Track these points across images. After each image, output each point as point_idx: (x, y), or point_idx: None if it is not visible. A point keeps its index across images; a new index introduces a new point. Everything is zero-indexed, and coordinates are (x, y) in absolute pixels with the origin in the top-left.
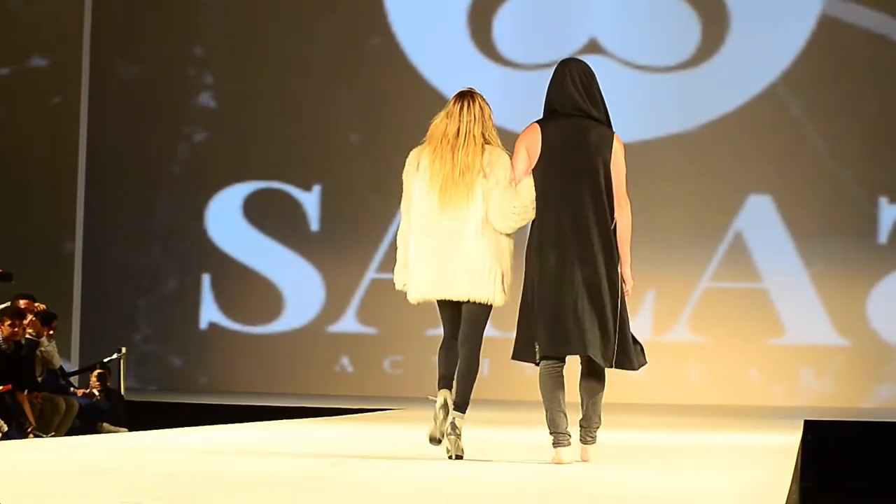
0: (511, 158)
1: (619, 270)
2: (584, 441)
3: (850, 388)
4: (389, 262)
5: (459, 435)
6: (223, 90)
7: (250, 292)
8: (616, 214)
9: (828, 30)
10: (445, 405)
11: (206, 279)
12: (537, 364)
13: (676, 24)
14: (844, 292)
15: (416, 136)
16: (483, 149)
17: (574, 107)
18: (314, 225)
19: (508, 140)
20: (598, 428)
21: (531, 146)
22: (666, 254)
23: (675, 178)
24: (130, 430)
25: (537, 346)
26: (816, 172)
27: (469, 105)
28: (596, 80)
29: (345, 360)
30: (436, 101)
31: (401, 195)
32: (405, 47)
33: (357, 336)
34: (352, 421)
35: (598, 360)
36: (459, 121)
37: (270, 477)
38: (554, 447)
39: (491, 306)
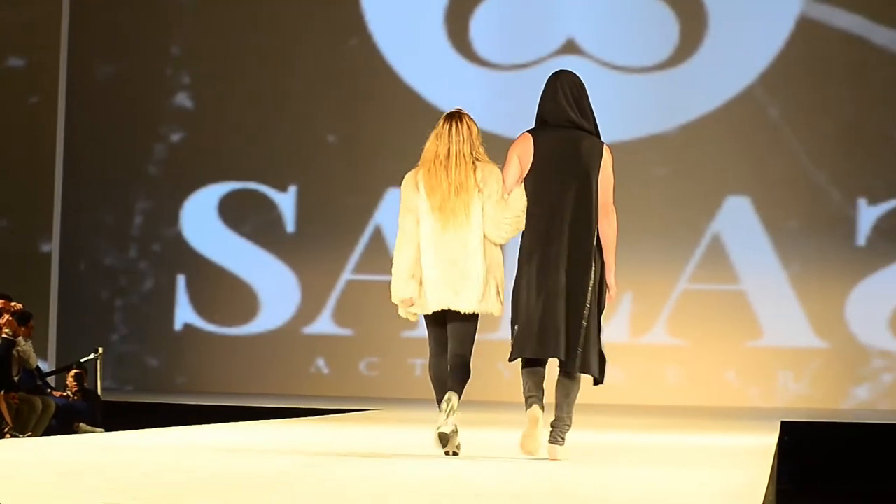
0: (503, 168)
1: (602, 277)
2: (553, 441)
3: (827, 389)
4: (366, 263)
5: (453, 411)
6: (200, 90)
7: (225, 293)
8: (602, 224)
9: (806, 31)
10: (450, 402)
11: (180, 280)
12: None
13: (654, 24)
14: (822, 294)
15: (394, 137)
16: (475, 166)
17: (565, 118)
18: (290, 226)
19: (492, 141)
20: (567, 430)
21: (523, 155)
22: (643, 255)
23: (653, 179)
24: (107, 430)
25: (522, 346)
26: (795, 174)
27: (457, 126)
28: (586, 91)
29: (320, 362)
30: (413, 102)
31: (377, 195)
32: (382, 48)
33: (332, 338)
34: (331, 421)
35: (570, 363)
36: (449, 142)
37: (251, 477)
38: (527, 407)
39: (478, 316)
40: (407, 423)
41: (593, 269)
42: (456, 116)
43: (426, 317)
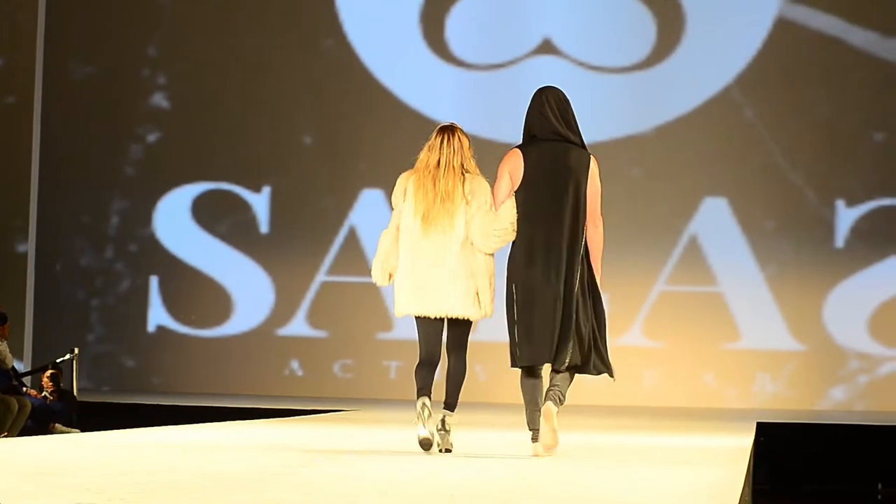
0: (494, 182)
1: (590, 281)
2: (550, 399)
3: (803, 390)
4: (340, 264)
5: (449, 431)
6: (176, 91)
7: (199, 295)
8: (590, 231)
9: (783, 33)
10: (425, 406)
11: (154, 281)
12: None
13: (631, 24)
14: (800, 296)
15: (369, 138)
16: (464, 177)
17: (553, 132)
18: (264, 227)
19: (479, 145)
20: (562, 399)
21: (514, 171)
22: (620, 257)
23: (630, 180)
24: (83, 430)
25: (518, 354)
26: (773, 176)
27: (449, 139)
28: (571, 105)
29: (294, 364)
30: (389, 103)
31: (351, 196)
32: (357, 49)
33: (307, 340)
34: (307, 422)
35: (569, 366)
36: (440, 153)
37: (227, 477)
38: (532, 441)
39: (470, 321)
40: (384, 424)
41: (581, 274)
42: (448, 130)
43: (416, 317)
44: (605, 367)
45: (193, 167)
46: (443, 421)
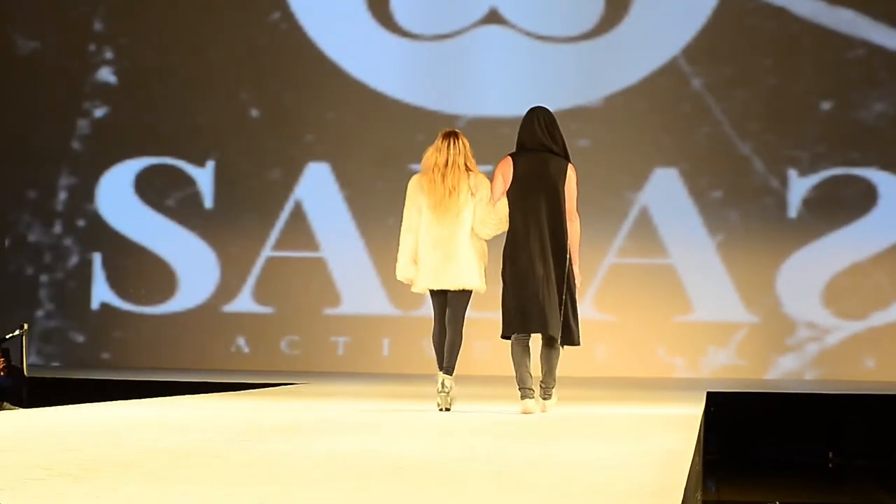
0: (491, 183)
1: (570, 268)
2: (543, 397)
3: (754, 360)
4: (286, 239)
5: (448, 392)
6: (123, 66)
7: (143, 271)
8: (568, 226)
9: (730, 2)
10: (444, 384)
11: (97, 258)
12: (508, 338)
13: None
14: (752, 267)
15: (315, 111)
16: (468, 174)
17: (540, 143)
18: (208, 202)
19: (419, 115)
20: (553, 387)
21: (505, 174)
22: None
23: (579, 151)
24: (32, 406)
25: (509, 325)
26: (723, 146)
27: (454, 142)
28: (556, 122)
29: (241, 341)
30: (335, 75)
31: (297, 170)
32: (303, 21)
33: (253, 316)
34: (256, 396)
35: (554, 335)
36: (447, 154)
37: (176, 452)
38: (521, 399)
39: (471, 293)
40: (333, 397)
41: (566, 261)
42: (452, 134)
43: (430, 292)
44: (571, 338)
45: (139, 142)
46: (443, 383)
